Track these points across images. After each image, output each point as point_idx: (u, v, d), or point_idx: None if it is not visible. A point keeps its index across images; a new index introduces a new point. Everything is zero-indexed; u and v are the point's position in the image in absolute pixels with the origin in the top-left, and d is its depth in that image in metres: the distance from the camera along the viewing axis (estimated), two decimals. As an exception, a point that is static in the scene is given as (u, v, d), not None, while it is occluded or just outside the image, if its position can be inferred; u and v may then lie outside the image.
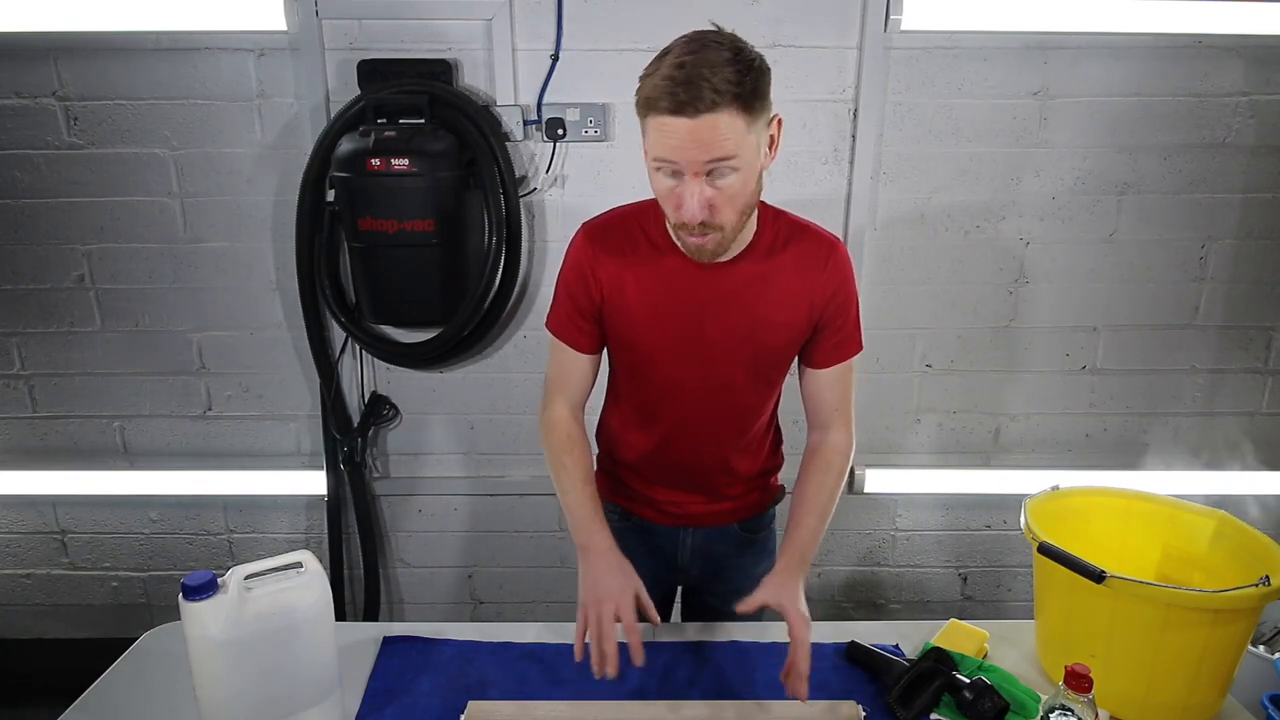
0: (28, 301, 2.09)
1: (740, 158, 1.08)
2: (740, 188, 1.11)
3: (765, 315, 1.25)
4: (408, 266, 1.90)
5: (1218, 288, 2.10)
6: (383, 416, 2.18)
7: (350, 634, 1.37)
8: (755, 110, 1.07)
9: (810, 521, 1.29)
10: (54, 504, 2.27)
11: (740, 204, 1.13)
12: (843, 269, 1.27)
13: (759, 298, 1.25)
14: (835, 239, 1.28)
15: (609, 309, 1.29)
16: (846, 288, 1.28)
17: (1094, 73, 1.94)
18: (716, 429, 1.35)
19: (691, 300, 1.25)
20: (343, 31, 1.90)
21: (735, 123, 1.05)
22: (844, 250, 1.28)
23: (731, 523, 1.46)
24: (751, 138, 1.08)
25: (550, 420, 1.35)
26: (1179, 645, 1.14)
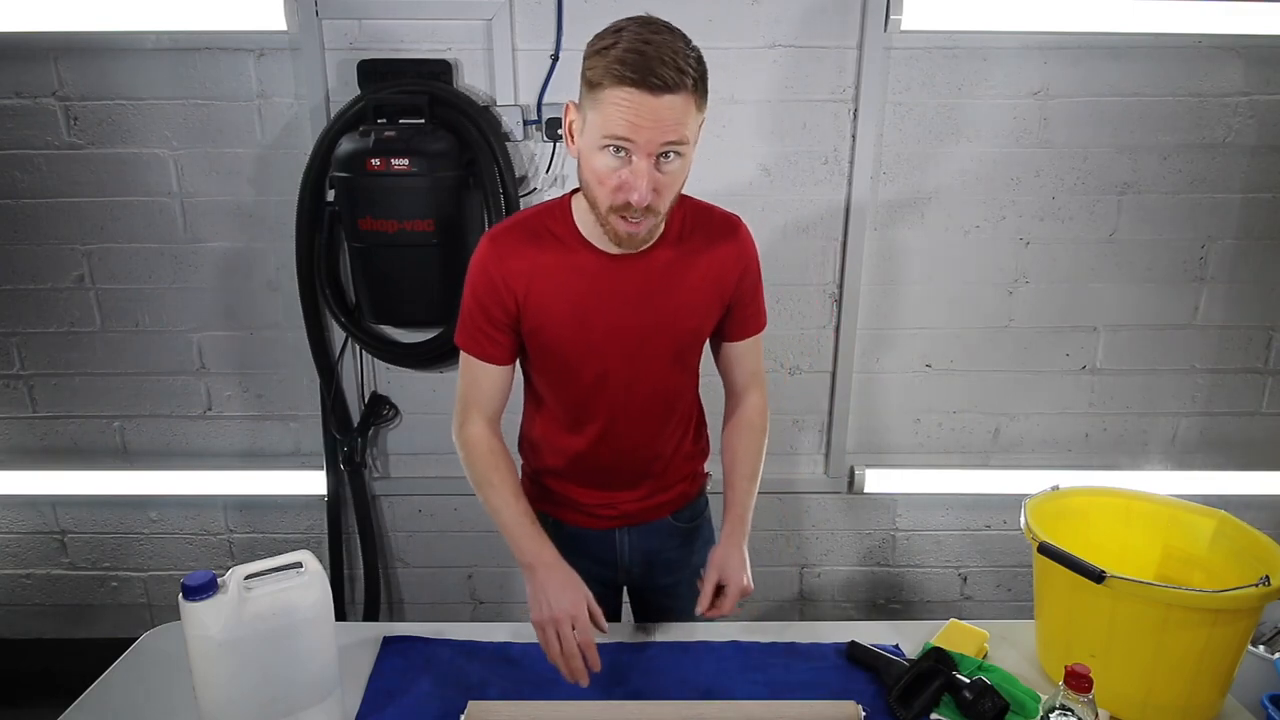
0: (28, 301, 2.09)
1: (688, 144, 1.13)
2: (681, 174, 1.16)
3: (683, 300, 1.28)
4: (408, 266, 1.90)
5: (1218, 288, 2.10)
6: (383, 416, 2.18)
7: (350, 634, 1.37)
8: (703, 100, 1.12)
9: (743, 484, 1.38)
10: (54, 504, 2.27)
11: (676, 191, 1.18)
12: (749, 248, 1.33)
13: (675, 284, 1.27)
14: (737, 218, 1.33)
15: (526, 315, 1.26)
16: (753, 265, 1.34)
17: (1094, 73, 1.94)
18: (645, 419, 1.36)
19: (612, 294, 1.25)
20: (343, 31, 1.90)
21: (689, 107, 1.09)
22: (746, 228, 1.34)
23: (666, 515, 1.47)
24: (696, 126, 1.13)
25: (469, 438, 1.34)
26: (1179, 645, 1.14)
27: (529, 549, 1.28)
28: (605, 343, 1.27)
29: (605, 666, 1.30)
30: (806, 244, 2.05)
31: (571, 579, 1.24)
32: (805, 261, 2.06)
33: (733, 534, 1.33)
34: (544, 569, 1.26)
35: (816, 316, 2.11)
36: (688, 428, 1.45)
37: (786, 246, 2.05)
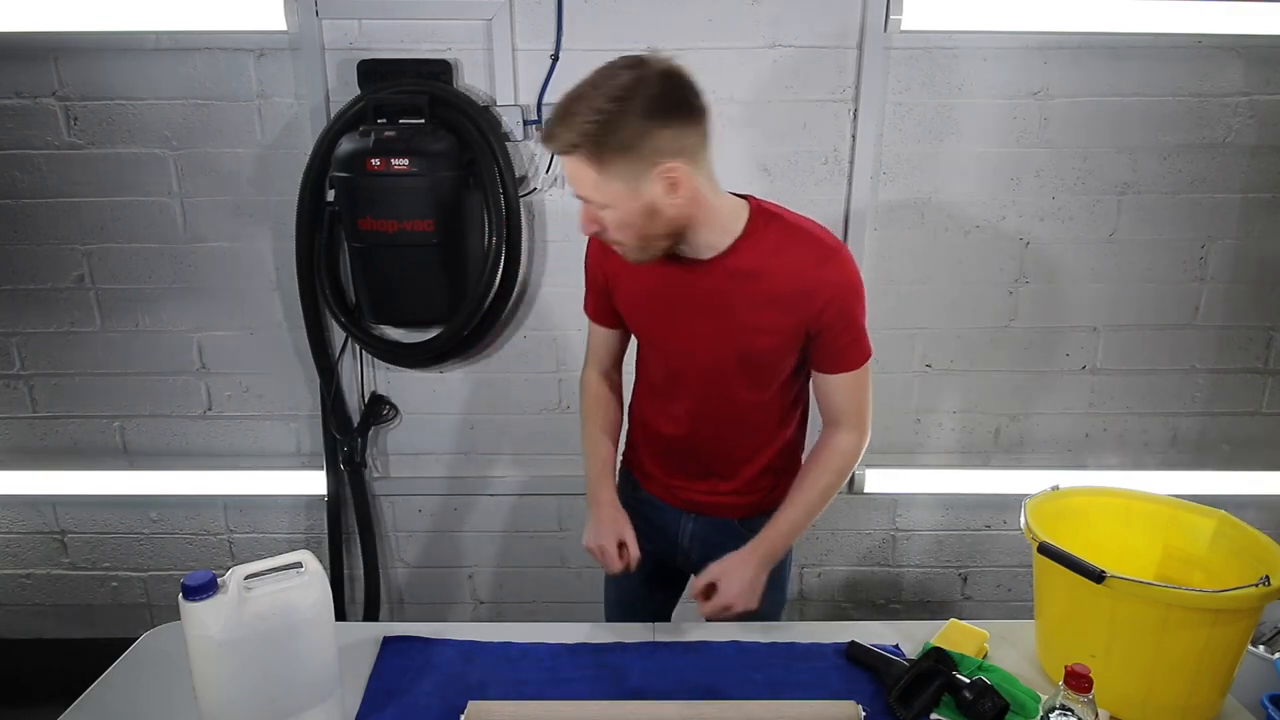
0: (28, 301, 2.09)
1: (599, 202, 1.13)
2: (620, 222, 1.15)
3: (748, 318, 1.26)
4: (408, 266, 1.90)
5: (1218, 288, 2.10)
6: (383, 416, 2.18)
7: (350, 634, 1.37)
8: (609, 162, 1.08)
9: (791, 514, 1.36)
10: (54, 504, 2.27)
11: (633, 233, 1.16)
12: (839, 276, 1.23)
13: (740, 299, 1.25)
14: (836, 245, 1.25)
15: (614, 293, 1.39)
16: (843, 296, 1.24)
17: (1094, 73, 1.94)
18: (715, 419, 1.38)
19: (669, 297, 1.29)
20: (343, 31, 1.90)
21: (584, 169, 1.10)
22: (844, 257, 1.24)
23: (732, 517, 1.47)
24: (613, 186, 1.10)
25: (583, 383, 1.53)
26: (1179, 645, 1.14)
27: (591, 487, 1.45)
28: (672, 340, 1.34)
29: (606, 666, 1.31)
30: (806, 244, 2.05)
31: (613, 518, 1.41)
32: (805, 261, 2.06)
33: (753, 549, 1.35)
34: (596, 506, 1.43)
35: (816, 316, 2.11)
36: (770, 442, 1.42)
37: (786, 246, 2.05)
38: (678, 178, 1.12)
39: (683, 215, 1.17)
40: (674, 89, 1.10)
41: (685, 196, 1.14)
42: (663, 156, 1.10)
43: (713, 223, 1.21)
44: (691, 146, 1.13)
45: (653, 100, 1.07)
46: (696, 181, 1.15)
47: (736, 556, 1.34)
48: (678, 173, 1.11)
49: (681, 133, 1.11)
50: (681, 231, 1.20)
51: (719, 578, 1.33)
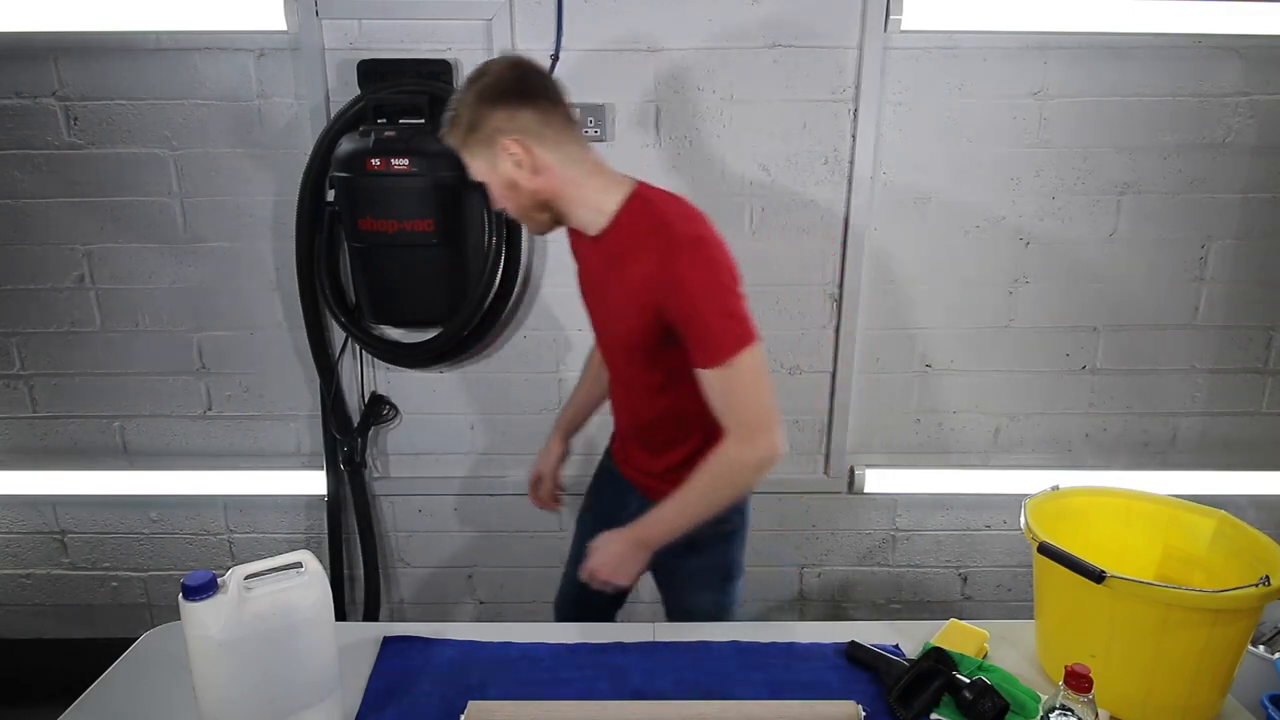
0: (28, 301, 2.09)
1: (481, 180, 1.33)
2: (497, 196, 1.34)
3: (614, 297, 1.35)
4: (408, 266, 1.90)
5: (1218, 288, 2.10)
6: (383, 416, 2.18)
7: (350, 634, 1.37)
8: (468, 145, 1.29)
9: (668, 505, 1.35)
10: (54, 504, 2.27)
11: (510, 204, 1.34)
12: (680, 270, 1.22)
13: (613, 280, 1.34)
14: (688, 237, 1.24)
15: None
16: (684, 290, 1.22)
17: (1094, 73, 1.94)
18: (634, 399, 1.48)
19: (585, 272, 1.44)
20: (343, 31, 1.90)
21: (463, 155, 1.32)
22: (691, 250, 1.23)
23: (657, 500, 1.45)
24: (478, 164, 1.31)
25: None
26: (1179, 645, 1.14)
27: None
28: (590, 313, 1.48)
29: (606, 666, 1.31)
30: (806, 244, 2.05)
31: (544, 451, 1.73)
32: (805, 261, 2.06)
33: (629, 528, 1.37)
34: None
35: (816, 316, 2.11)
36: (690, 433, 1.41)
37: (786, 246, 2.05)
38: (519, 153, 1.26)
39: (543, 189, 1.30)
40: (508, 77, 1.27)
41: (536, 170, 1.28)
42: (501, 135, 1.26)
43: (583, 200, 1.32)
44: (529, 125, 1.26)
45: (487, 87, 1.26)
46: (545, 158, 1.28)
47: (613, 532, 1.38)
48: (518, 148, 1.26)
49: (515, 113, 1.25)
50: (549, 204, 1.33)
51: (594, 548, 1.38)
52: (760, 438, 1.27)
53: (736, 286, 1.27)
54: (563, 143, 1.29)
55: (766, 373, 1.29)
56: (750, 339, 1.26)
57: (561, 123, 1.29)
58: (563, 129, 1.29)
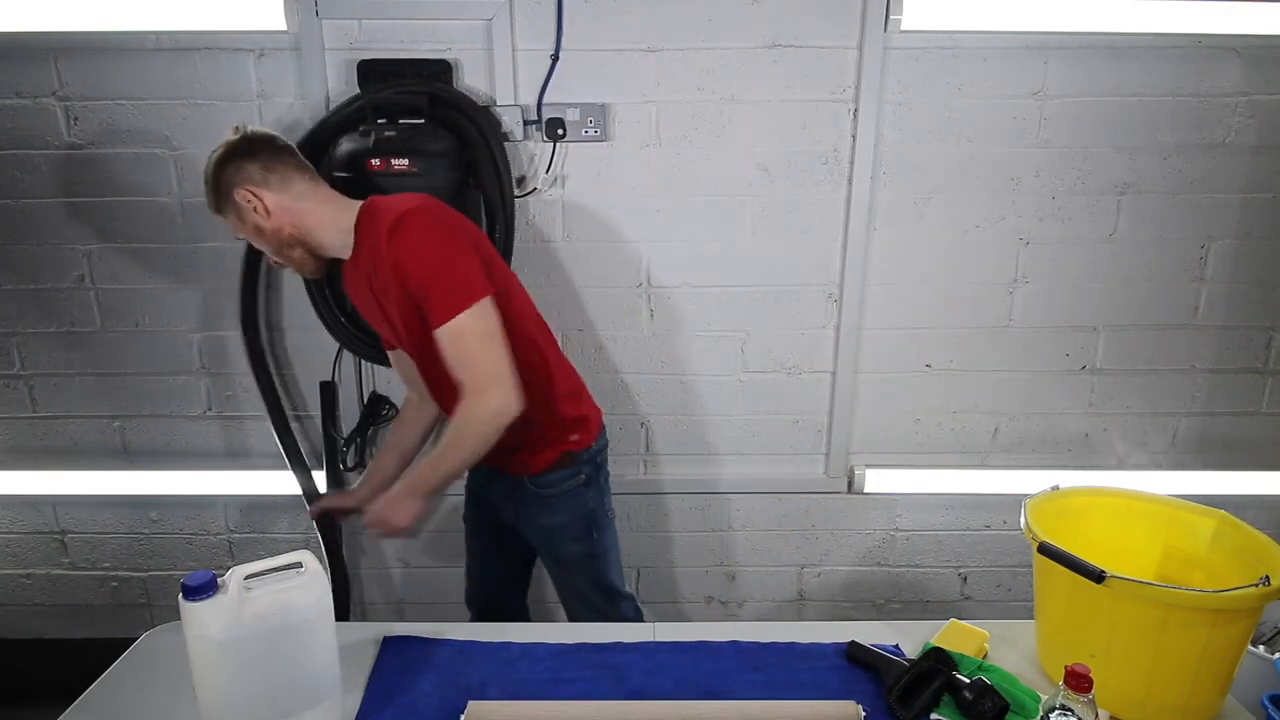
0: (28, 301, 2.09)
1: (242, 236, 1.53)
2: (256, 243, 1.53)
3: (384, 305, 1.48)
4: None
5: (1218, 288, 2.10)
6: (382, 416, 2.18)
7: (350, 634, 1.37)
8: (220, 209, 1.50)
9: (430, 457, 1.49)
10: (54, 504, 2.27)
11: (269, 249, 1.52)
12: (399, 242, 1.37)
13: (375, 291, 1.47)
14: (390, 222, 1.38)
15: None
16: (405, 259, 1.37)
17: (1094, 73, 1.94)
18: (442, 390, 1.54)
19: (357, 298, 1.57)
20: (343, 31, 1.90)
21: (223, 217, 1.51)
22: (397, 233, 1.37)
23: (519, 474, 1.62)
24: (232, 220, 1.51)
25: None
26: (1179, 645, 1.14)
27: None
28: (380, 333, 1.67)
29: (606, 666, 1.31)
30: (806, 244, 2.05)
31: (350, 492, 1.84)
32: (805, 261, 2.07)
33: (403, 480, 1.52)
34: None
35: (816, 316, 2.11)
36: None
37: (786, 246, 2.05)
38: (249, 198, 1.46)
39: (283, 225, 1.48)
40: (231, 144, 1.47)
41: (267, 210, 1.46)
42: (233, 186, 1.46)
43: (321, 224, 1.49)
44: (249, 176, 1.46)
45: (215, 156, 1.47)
46: (271, 198, 1.46)
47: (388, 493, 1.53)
48: (244, 194, 1.46)
49: (239, 168, 1.45)
50: (297, 239, 1.49)
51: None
52: (491, 392, 1.39)
53: (457, 249, 1.39)
54: (289, 182, 1.48)
55: (494, 332, 1.40)
56: (470, 299, 1.37)
57: (284, 168, 1.48)
58: (286, 173, 1.48)
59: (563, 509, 1.64)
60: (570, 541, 1.67)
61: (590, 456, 1.64)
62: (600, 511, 1.68)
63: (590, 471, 1.64)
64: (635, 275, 2.07)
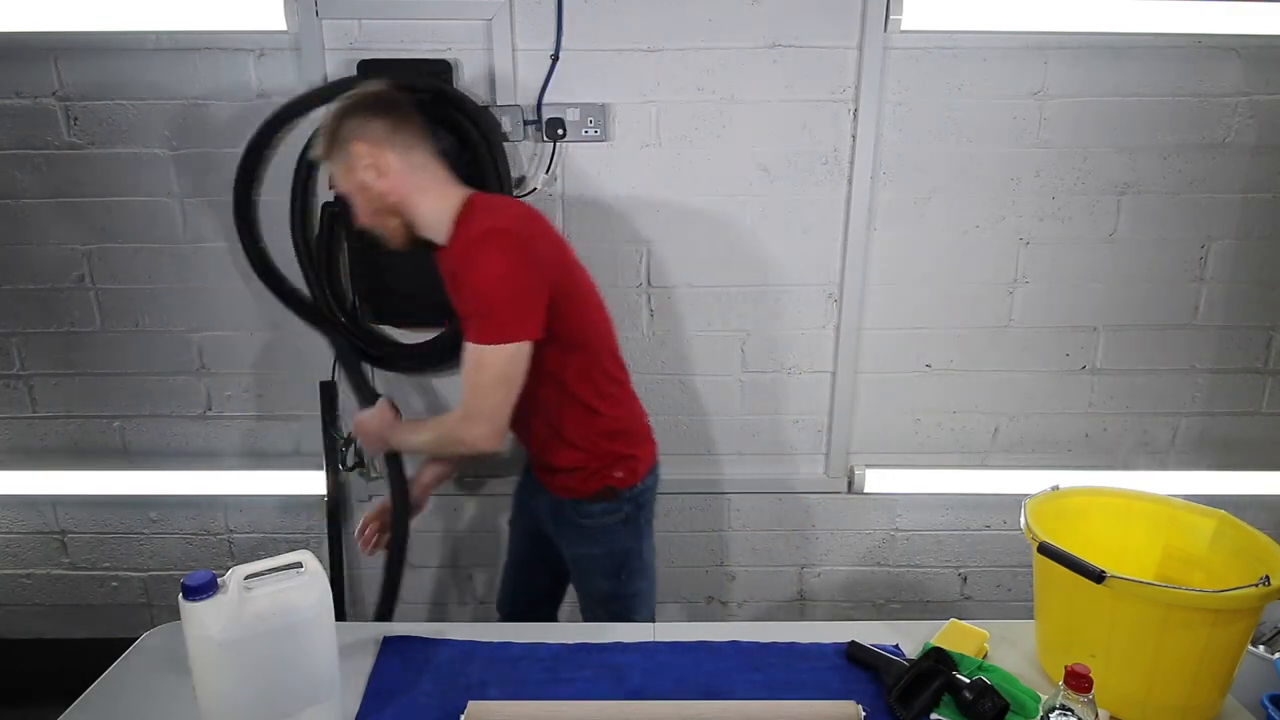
0: (28, 301, 2.09)
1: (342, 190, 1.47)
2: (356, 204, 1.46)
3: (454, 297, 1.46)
4: (407, 266, 1.89)
5: (1218, 288, 2.10)
6: (383, 416, 2.17)
7: (350, 634, 1.37)
8: (329, 155, 1.44)
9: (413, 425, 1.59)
10: (54, 504, 2.27)
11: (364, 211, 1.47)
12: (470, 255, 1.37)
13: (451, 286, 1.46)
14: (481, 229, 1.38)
15: None
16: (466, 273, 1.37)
17: (1094, 73, 1.94)
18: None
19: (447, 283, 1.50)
20: (343, 31, 1.90)
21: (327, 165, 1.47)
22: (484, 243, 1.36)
23: (561, 496, 1.61)
24: (337, 170, 1.45)
25: None
26: (1179, 645, 1.14)
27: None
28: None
29: (606, 666, 1.31)
30: (806, 244, 2.05)
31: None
32: (805, 261, 2.07)
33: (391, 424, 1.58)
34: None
35: (816, 316, 2.11)
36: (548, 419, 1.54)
37: (786, 246, 2.05)
38: (365, 154, 1.40)
39: (387, 190, 1.42)
40: (363, 96, 1.43)
41: (380, 172, 1.41)
42: (351, 140, 1.41)
43: (429, 205, 1.44)
44: (378, 132, 1.40)
45: (350, 103, 1.43)
46: (390, 160, 1.41)
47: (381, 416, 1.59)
48: (363, 150, 1.40)
49: (366, 122, 1.40)
50: (397, 209, 1.44)
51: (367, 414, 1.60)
52: (475, 425, 1.41)
53: (525, 284, 1.37)
54: (411, 150, 1.43)
55: (513, 377, 1.40)
56: (511, 338, 1.37)
57: (411, 135, 1.44)
58: (412, 139, 1.44)
59: (597, 542, 1.60)
60: (599, 577, 1.63)
61: (633, 496, 1.59)
62: (635, 553, 1.62)
63: (630, 511, 1.59)
64: (635, 275, 2.07)
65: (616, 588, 1.62)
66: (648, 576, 1.67)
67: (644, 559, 1.65)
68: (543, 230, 1.48)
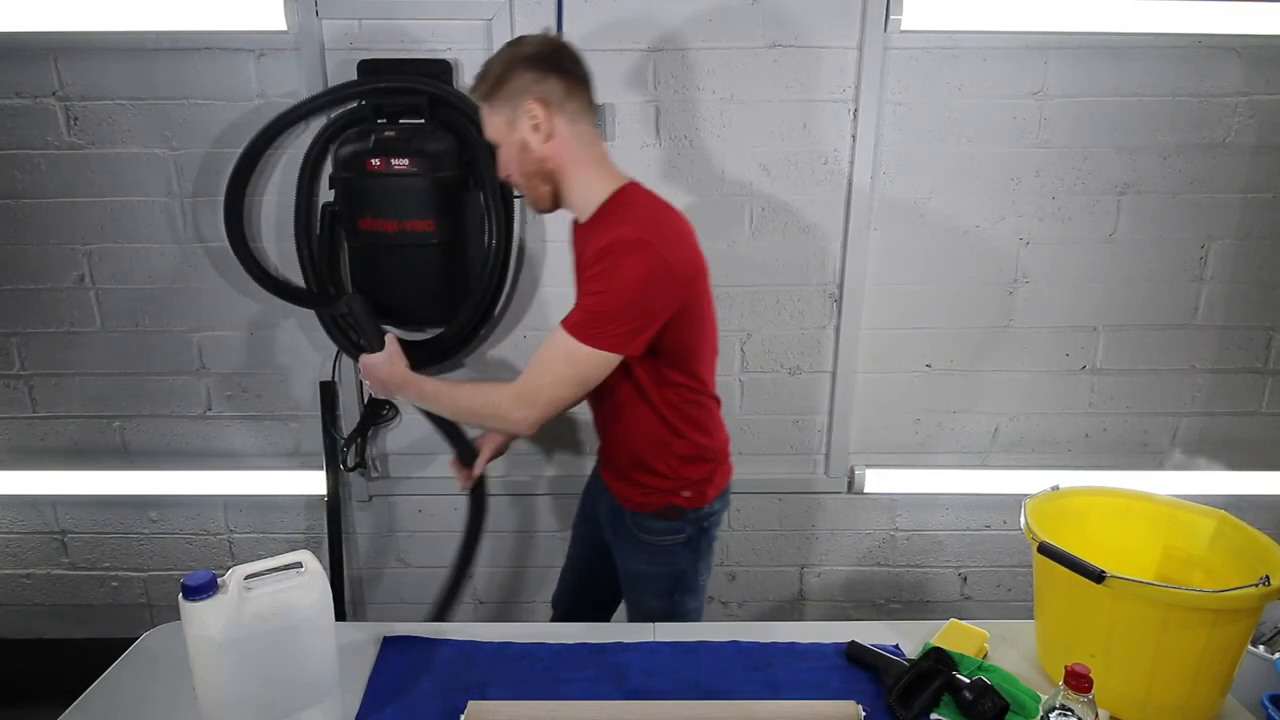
0: (28, 301, 2.09)
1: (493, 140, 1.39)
2: (506, 158, 1.39)
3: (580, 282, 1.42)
4: (408, 266, 1.89)
5: (1218, 288, 2.10)
6: (382, 416, 2.18)
7: (350, 634, 1.37)
8: (490, 101, 1.36)
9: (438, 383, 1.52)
10: (54, 504, 2.27)
11: (515, 169, 1.39)
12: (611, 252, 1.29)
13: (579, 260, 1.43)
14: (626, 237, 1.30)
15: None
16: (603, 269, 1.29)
17: (1094, 73, 1.94)
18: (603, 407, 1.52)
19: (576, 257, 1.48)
20: (343, 31, 1.90)
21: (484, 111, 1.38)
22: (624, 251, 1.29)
23: (622, 505, 1.55)
24: (497, 119, 1.36)
25: None
26: (1179, 645, 1.14)
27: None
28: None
29: (606, 666, 1.31)
30: (806, 244, 2.05)
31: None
32: (805, 261, 2.07)
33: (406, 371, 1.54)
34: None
35: (816, 316, 2.11)
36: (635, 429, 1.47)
37: (786, 246, 2.05)
38: (538, 115, 1.33)
39: (548, 154, 1.36)
40: (544, 47, 1.35)
41: (546, 135, 1.34)
42: (525, 96, 1.32)
43: (582, 180, 1.39)
44: (553, 93, 1.33)
45: (523, 51, 1.34)
46: (558, 125, 1.34)
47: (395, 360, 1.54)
48: (535, 109, 1.33)
49: (543, 78, 1.32)
50: (553, 175, 1.38)
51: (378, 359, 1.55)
52: (527, 409, 1.37)
53: (653, 306, 1.31)
54: (579, 120, 1.36)
55: (583, 380, 1.36)
56: (599, 344, 1.32)
57: (582, 102, 1.37)
58: (582, 108, 1.37)
59: (654, 559, 1.55)
60: (651, 595, 1.58)
61: (697, 518, 1.52)
62: (692, 575, 1.57)
63: (693, 533, 1.53)
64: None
65: (668, 606, 1.57)
66: (700, 596, 1.62)
67: (699, 580, 1.59)
68: (689, 249, 1.39)
